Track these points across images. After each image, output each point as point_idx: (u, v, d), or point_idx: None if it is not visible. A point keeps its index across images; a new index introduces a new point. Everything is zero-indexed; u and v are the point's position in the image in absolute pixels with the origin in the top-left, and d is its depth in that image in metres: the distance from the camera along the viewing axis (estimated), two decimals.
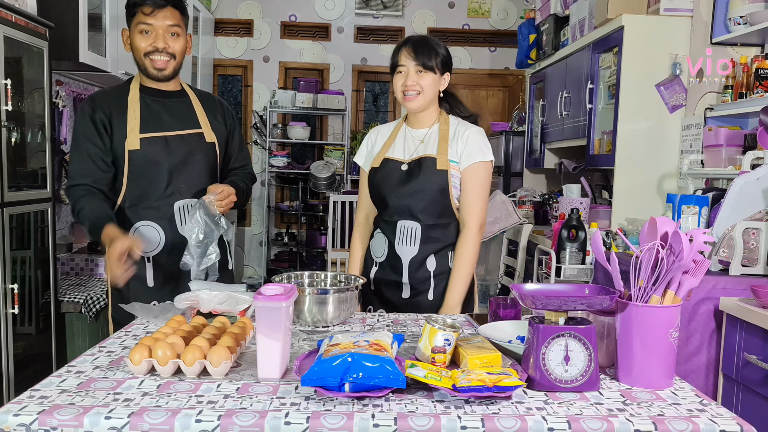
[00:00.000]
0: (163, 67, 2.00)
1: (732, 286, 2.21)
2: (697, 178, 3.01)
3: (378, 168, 2.03)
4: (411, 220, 1.97)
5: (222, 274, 2.12)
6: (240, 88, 6.36)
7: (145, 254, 1.99)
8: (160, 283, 2.03)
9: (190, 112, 2.09)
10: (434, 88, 1.96)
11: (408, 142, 2.03)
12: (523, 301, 1.25)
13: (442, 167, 1.94)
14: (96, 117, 1.98)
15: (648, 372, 1.24)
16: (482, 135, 2.01)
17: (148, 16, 1.95)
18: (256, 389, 1.18)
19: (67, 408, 1.06)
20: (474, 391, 1.10)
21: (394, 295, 2.01)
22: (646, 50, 3.22)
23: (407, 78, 1.94)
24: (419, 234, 1.97)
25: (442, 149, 1.96)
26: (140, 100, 2.03)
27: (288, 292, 1.29)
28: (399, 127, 2.08)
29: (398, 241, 1.99)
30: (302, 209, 6.06)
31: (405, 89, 1.95)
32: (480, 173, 1.98)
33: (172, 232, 2.02)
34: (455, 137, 1.98)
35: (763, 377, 1.93)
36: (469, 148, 1.96)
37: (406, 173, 1.97)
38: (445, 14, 6.24)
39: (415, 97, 1.95)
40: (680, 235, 1.22)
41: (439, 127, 2.01)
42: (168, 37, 1.98)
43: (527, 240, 3.77)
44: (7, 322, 2.46)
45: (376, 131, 2.14)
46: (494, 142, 5.37)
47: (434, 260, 1.98)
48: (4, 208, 2.45)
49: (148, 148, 1.98)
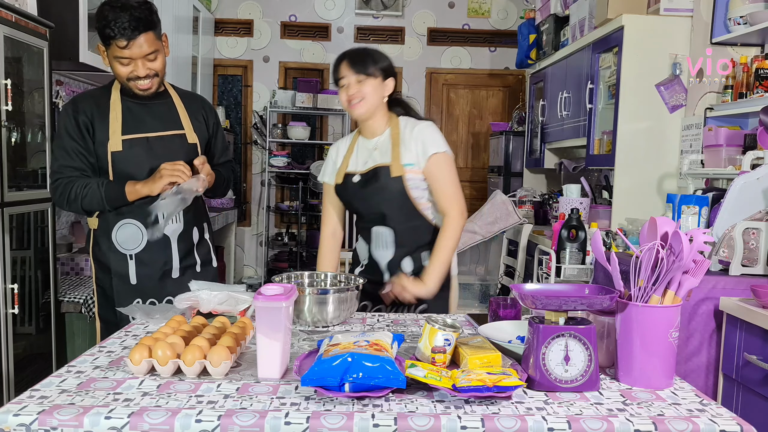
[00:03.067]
0: (148, 87, 2.00)
1: (732, 286, 2.21)
2: (697, 178, 3.01)
3: (341, 185, 2.09)
4: (383, 226, 2.04)
5: (206, 271, 2.17)
6: (240, 88, 6.36)
7: (127, 252, 2.05)
8: (143, 280, 2.06)
9: (172, 113, 2.10)
10: (377, 93, 1.99)
11: (361, 152, 2.09)
12: (523, 301, 1.25)
13: (397, 174, 1.99)
14: (79, 119, 2.00)
15: (648, 372, 1.24)
16: (432, 128, 2.04)
17: (124, 49, 1.90)
18: (256, 389, 1.18)
19: (67, 408, 1.06)
20: (474, 391, 1.10)
21: (378, 289, 2.06)
22: (646, 50, 3.22)
23: (349, 88, 1.98)
24: (392, 239, 2.04)
25: (394, 155, 2.00)
26: (122, 102, 2.04)
27: (288, 292, 1.29)
28: (355, 140, 2.14)
29: (374, 246, 2.08)
30: (302, 209, 6.06)
31: (349, 99, 1.99)
32: (441, 165, 2.00)
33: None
34: (405, 138, 2.02)
35: (763, 377, 1.93)
36: (422, 145, 1.99)
37: (362, 183, 2.03)
38: (445, 14, 6.24)
39: (359, 104, 1.98)
40: (680, 235, 1.22)
41: (390, 131, 2.05)
42: (147, 62, 1.95)
43: (527, 240, 3.77)
44: (7, 322, 2.46)
45: (335, 147, 2.19)
46: (494, 142, 5.38)
47: (410, 261, 2.05)
48: (4, 208, 2.45)
49: (131, 149, 2.01)
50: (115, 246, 2.04)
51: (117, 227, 2.04)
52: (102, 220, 2.06)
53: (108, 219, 2.04)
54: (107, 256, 2.06)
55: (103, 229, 2.06)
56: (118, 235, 2.03)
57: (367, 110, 2.00)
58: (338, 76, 2.01)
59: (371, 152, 2.06)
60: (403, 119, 2.07)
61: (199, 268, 2.15)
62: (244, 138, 6.36)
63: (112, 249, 2.05)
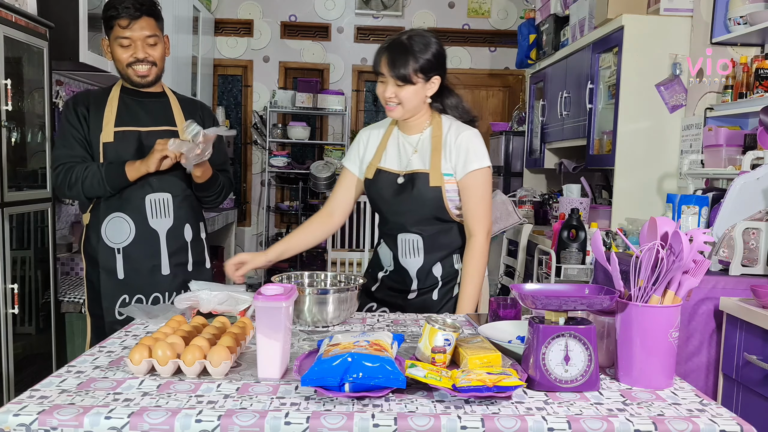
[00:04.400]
0: (145, 74, 2.08)
1: (732, 286, 2.21)
2: (697, 178, 3.01)
3: (372, 180, 1.95)
4: (411, 233, 1.92)
5: (199, 271, 2.18)
6: (240, 88, 6.36)
7: (115, 245, 2.07)
8: (130, 275, 2.08)
9: (167, 111, 2.16)
10: (416, 97, 1.84)
11: (401, 150, 1.94)
12: (523, 301, 1.25)
13: (435, 184, 1.86)
14: (78, 110, 2.08)
15: (648, 372, 1.24)
16: (477, 138, 1.90)
17: (125, 29, 2.03)
18: (256, 389, 1.18)
19: (67, 408, 1.06)
20: (474, 391, 1.10)
21: (399, 298, 1.98)
22: (646, 50, 3.22)
23: (386, 89, 1.83)
24: (422, 245, 1.92)
25: (434, 163, 1.87)
26: (119, 98, 2.12)
27: (288, 292, 1.29)
28: (390, 132, 1.98)
29: (402, 254, 1.94)
30: (302, 209, 6.06)
31: (386, 100, 1.85)
32: (479, 181, 1.88)
33: (143, 225, 2.08)
34: (447, 145, 1.88)
35: (763, 377, 1.93)
36: (464, 157, 1.86)
37: (400, 187, 1.90)
38: (445, 14, 6.24)
39: (395, 108, 1.85)
40: (680, 235, 1.22)
41: (432, 132, 1.91)
42: (147, 47, 2.06)
43: (527, 240, 3.77)
44: (7, 322, 2.46)
45: (366, 134, 2.02)
46: (494, 142, 5.38)
47: (440, 267, 1.94)
48: (4, 208, 2.45)
49: (122, 141, 2.07)
50: (104, 240, 2.08)
51: (106, 221, 2.07)
52: (93, 215, 2.10)
53: (99, 213, 2.09)
54: (96, 250, 2.09)
55: (94, 223, 2.10)
56: (107, 228, 2.07)
57: (402, 115, 1.86)
58: (377, 70, 1.83)
59: (410, 153, 1.92)
60: (447, 120, 1.93)
61: (191, 267, 2.16)
62: (244, 138, 6.36)
63: (101, 243, 2.08)
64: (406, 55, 1.79)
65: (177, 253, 2.12)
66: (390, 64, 1.80)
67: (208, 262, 2.25)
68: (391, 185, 1.92)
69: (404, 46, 1.80)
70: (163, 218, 2.09)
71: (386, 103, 1.85)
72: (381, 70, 1.82)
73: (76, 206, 3.69)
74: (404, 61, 1.79)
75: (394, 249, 1.96)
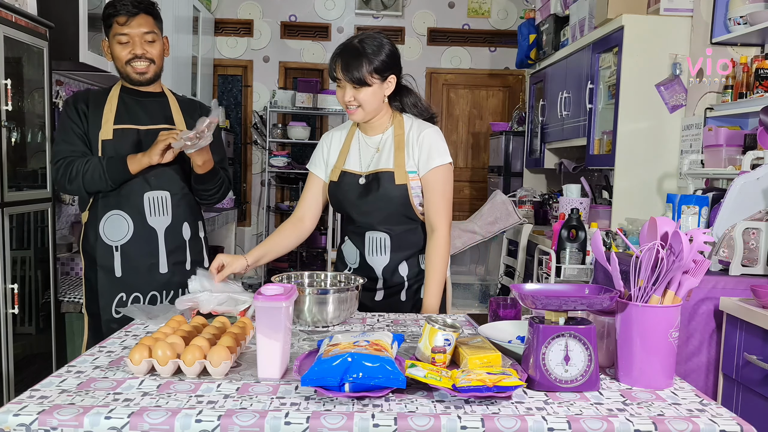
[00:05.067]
0: (144, 71, 2.09)
1: (732, 286, 2.21)
2: (697, 178, 3.01)
3: (336, 182, 1.97)
4: (378, 231, 1.95)
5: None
6: (240, 88, 6.36)
7: (113, 243, 2.08)
8: (128, 273, 2.08)
9: (165, 110, 2.17)
10: (375, 98, 1.86)
11: (363, 151, 1.97)
12: (523, 301, 1.25)
13: (401, 182, 1.89)
14: (78, 107, 2.10)
15: (648, 372, 1.24)
16: (438, 135, 1.94)
17: (124, 26, 2.05)
18: (256, 389, 1.18)
19: (67, 408, 1.06)
20: (474, 391, 1.10)
21: (367, 298, 1.99)
22: (646, 50, 3.22)
23: (345, 93, 1.85)
24: (389, 243, 1.95)
25: (398, 161, 1.90)
26: (119, 97, 2.14)
27: (288, 292, 1.29)
28: (352, 134, 2.01)
29: (368, 252, 1.97)
30: None
31: (346, 104, 1.87)
32: (440, 177, 1.91)
33: (141, 222, 2.08)
34: (410, 142, 1.92)
35: (763, 377, 1.93)
36: (426, 154, 1.90)
37: (364, 187, 1.92)
38: (445, 14, 6.24)
39: (356, 111, 1.87)
40: (680, 235, 1.22)
41: (394, 131, 1.94)
42: (145, 44, 2.08)
43: (527, 240, 3.77)
44: (7, 322, 2.46)
45: (329, 137, 2.04)
46: (494, 142, 5.38)
47: (406, 266, 1.97)
48: (4, 208, 2.45)
49: (121, 139, 2.08)
50: (102, 238, 2.08)
51: (105, 219, 2.08)
52: (92, 212, 2.11)
53: (97, 211, 2.09)
54: (94, 248, 2.10)
55: (92, 221, 2.11)
56: (105, 226, 2.08)
57: (364, 117, 1.90)
58: (333, 76, 1.88)
59: (373, 153, 1.95)
60: (408, 119, 1.97)
61: (189, 266, 2.15)
62: (244, 138, 6.36)
63: (99, 241, 2.09)
64: (360, 58, 1.82)
65: (175, 252, 2.12)
66: (344, 69, 1.83)
67: (206, 262, 2.25)
68: (356, 186, 1.95)
69: (357, 50, 1.83)
70: (162, 216, 2.09)
71: (347, 107, 1.88)
72: (337, 75, 1.86)
73: (76, 206, 3.69)
74: (358, 64, 1.82)
75: (361, 247, 1.99)
